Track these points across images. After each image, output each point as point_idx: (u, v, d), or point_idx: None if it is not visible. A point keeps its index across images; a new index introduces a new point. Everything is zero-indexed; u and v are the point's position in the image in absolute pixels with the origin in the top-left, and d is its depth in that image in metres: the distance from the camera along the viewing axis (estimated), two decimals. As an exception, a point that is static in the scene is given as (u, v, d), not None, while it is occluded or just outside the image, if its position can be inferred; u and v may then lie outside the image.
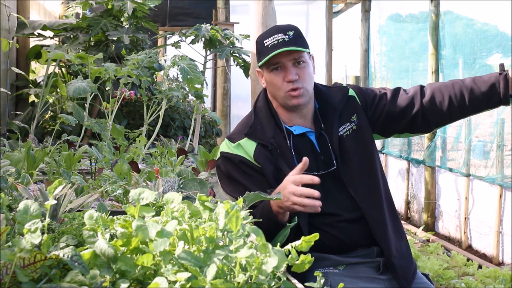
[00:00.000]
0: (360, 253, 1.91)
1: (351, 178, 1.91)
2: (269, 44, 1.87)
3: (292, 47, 1.85)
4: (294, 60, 1.88)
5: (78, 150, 2.83)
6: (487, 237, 5.58)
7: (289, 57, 1.87)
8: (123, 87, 3.91)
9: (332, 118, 1.95)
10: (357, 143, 1.94)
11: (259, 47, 1.93)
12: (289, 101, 1.90)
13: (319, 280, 1.09)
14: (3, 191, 1.79)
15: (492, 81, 1.90)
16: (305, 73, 1.89)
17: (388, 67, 8.36)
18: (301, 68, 1.89)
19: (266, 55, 1.88)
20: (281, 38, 1.86)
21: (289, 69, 1.87)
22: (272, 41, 1.87)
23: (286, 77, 1.87)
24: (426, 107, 1.96)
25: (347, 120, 1.96)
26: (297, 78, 1.87)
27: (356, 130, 1.96)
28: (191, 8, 7.85)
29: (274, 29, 1.92)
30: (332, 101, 1.98)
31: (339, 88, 2.05)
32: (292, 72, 1.87)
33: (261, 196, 1.55)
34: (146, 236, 1.01)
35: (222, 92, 7.13)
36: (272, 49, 1.86)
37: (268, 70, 1.91)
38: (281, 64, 1.88)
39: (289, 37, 1.87)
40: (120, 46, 4.90)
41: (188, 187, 1.97)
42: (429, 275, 2.07)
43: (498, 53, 6.19)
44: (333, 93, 2.01)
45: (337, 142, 1.92)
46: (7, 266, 0.94)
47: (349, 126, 1.96)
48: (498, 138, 5.47)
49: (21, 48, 5.26)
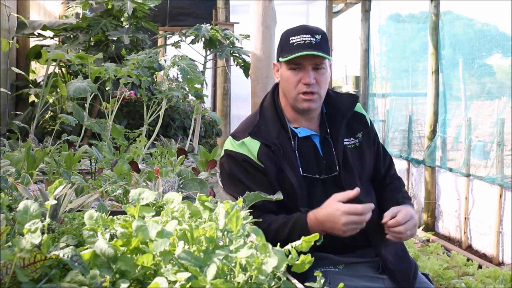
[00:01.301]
0: (360, 252, 1.92)
1: (351, 185, 1.92)
2: (294, 42, 1.86)
3: (317, 51, 1.84)
4: (315, 65, 1.87)
5: (78, 150, 2.83)
6: (487, 237, 5.58)
7: (311, 60, 1.86)
8: (123, 87, 3.91)
9: (339, 125, 1.96)
10: (357, 157, 1.97)
11: (284, 43, 1.91)
12: (300, 104, 1.90)
13: (319, 280, 1.09)
14: (3, 191, 1.79)
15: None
16: (323, 79, 1.89)
17: (388, 67, 8.36)
18: (320, 73, 1.88)
19: (289, 53, 1.87)
20: (308, 39, 1.85)
21: (308, 72, 1.87)
22: (298, 40, 1.86)
23: (304, 79, 1.87)
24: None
25: (353, 135, 1.99)
26: (314, 83, 1.87)
27: (358, 146, 1.98)
28: (191, 8, 7.85)
29: (302, 28, 1.90)
30: (341, 108, 2.00)
31: (349, 95, 2.07)
32: (311, 76, 1.86)
33: (261, 196, 1.55)
34: (146, 236, 1.01)
35: (222, 92, 7.13)
36: (297, 48, 1.85)
37: (287, 67, 1.90)
38: (302, 66, 1.87)
39: (316, 40, 1.86)
40: (120, 46, 4.90)
41: (188, 187, 1.97)
42: (429, 275, 2.07)
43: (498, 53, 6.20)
44: (342, 100, 2.03)
45: (341, 149, 1.93)
46: (7, 266, 0.94)
47: (353, 141, 1.98)
48: (498, 138, 5.47)
49: (21, 48, 5.26)
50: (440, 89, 6.63)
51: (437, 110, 6.63)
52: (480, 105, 6.39)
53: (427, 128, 6.70)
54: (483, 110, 6.33)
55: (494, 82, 6.28)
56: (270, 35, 4.45)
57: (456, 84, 6.53)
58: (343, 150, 1.93)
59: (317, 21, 8.06)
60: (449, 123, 6.58)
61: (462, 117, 6.32)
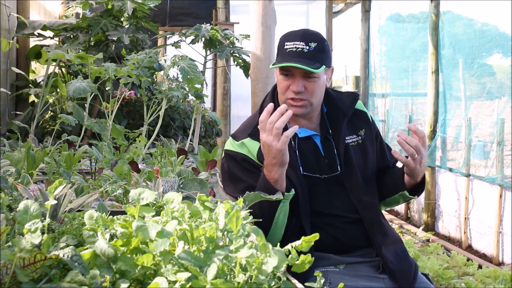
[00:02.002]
0: (360, 252, 1.93)
1: (353, 184, 1.92)
2: (287, 49, 1.84)
3: (304, 63, 1.80)
4: (304, 74, 1.84)
5: (78, 150, 2.83)
6: (487, 237, 5.58)
7: (301, 69, 1.83)
8: (123, 87, 3.90)
9: (341, 124, 1.96)
10: (360, 155, 1.97)
11: (280, 46, 1.90)
12: (289, 107, 1.90)
13: (319, 280, 1.09)
14: (3, 191, 1.79)
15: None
16: (313, 87, 1.86)
17: (388, 67, 8.37)
18: (310, 81, 1.85)
19: (281, 58, 1.86)
20: (300, 47, 1.82)
21: (297, 80, 1.85)
22: (291, 47, 1.84)
23: (292, 87, 1.85)
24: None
25: (355, 132, 1.99)
26: (303, 91, 1.85)
27: (361, 144, 1.98)
28: (191, 8, 7.85)
29: (298, 34, 1.86)
30: (342, 106, 1.99)
31: (349, 93, 2.07)
32: (299, 85, 1.84)
33: (261, 196, 1.56)
34: (146, 236, 1.01)
35: (222, 92, 7.13)
36: (287, 56, 1.83)
37: (279, 72, 1.90)
38: (291, 73, 1.86)
39: (310, 48, 1.83)
40: (120, 46, 4.89)
41: (188, 187, 1.97)
42: (429, 275, 2.07)
43: (498, 53, 6.20)
44: (342, 98, 2.02)
45: (343, 148, 1.93)
46: (7, 266, 0.94)
47: (356, 138, 1.98)
48: (498, 138, 5.47)
49: (21, 48, 5.25)
50: (440, 89, 6.63)
51: (437, 110, 6.63)
52: (480, 105, 6.39)
53: (427, 128, 6.70)
54: (483, 110, 6.34)
55: (494, 82, 6.29)
56: (270, 35, 4.45)
57: (456, 84, 6.53)
58: (345, 148, 1.94)
59: (317, 21, 8.06)
60: (449, 123, 6.58)
61: (462, 117, 6.32)
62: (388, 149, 2.08)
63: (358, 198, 1.91)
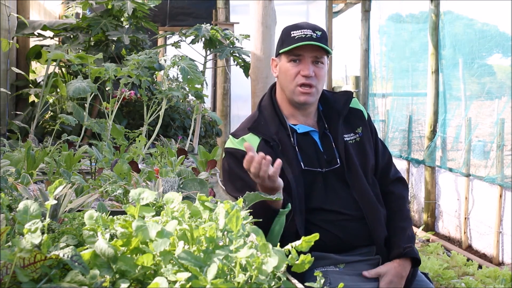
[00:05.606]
0: (360, 251, 1.92)
1: (354, 179, 1.92)
2: (295, 36, 1.90)
3: (318, 43, 1.88)
4: (315, 58, 1.91)
5: (78, 150, 2.82)
6: (487, 237, 5.59)
7: (312, 53, 1.90)
8: (123, 87, 3.90)
9: (336, 122, 1.98)
10: (358, 152, 1.98)
11: (285, 36, 1.95)
12: (297, 97, 1.92)
13: (319, 280, 1.09)
14: (3, 191, 1.79)
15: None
16: (321, 73, 1.93)
17: (388, 67, 8.37)
18: (318, 67, 1.92)
19: (291, 44, 1.90)
20: (309, 33, 1.90)
21: (308, 64, 1.90)
22: (300, 34, 1.90)
23: (303, 71, 1.90)
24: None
25: (352, 130, 2.00)
26: (313, 75, 1.91)
27: (359, 141, 1.99)
28: (191, 8, 7.84)
29: (303, 24, 1.95)
30: (337, 106, 2.02)
31: (343, 93, 2.09)
32: (310, 68, 1.90)
33: (261, 196, 1.55)
34: (146, 236, 1.01)
35: (222, 92, 7.13)
36: (299, 41, 1.89)
37: (287, 60, 1.93)
38: (302, 58, 1.91)
39: (317, 35, 1.90)
40: (120, 46, 4.89)
41: (188, 187, 1.97)
42: (428, 274, 2.07)
43: (498, 53, 6.20)
44: (337, 98, 2.05)
45: (342, 143, 1.94)
46: (7, 266, 0.94)
47: (354, 136, 2.00)
48: (498, 138, 5.47)
49: (21, 48, 5.25)
50: (440, 89, 6.63)
51: (437, 110, 6.63)
52: (480, 105, 6.39)
53: (427, 128, 6.71)
54: (483, 110, 6.34)
55: (494, 82, 6.29)
56: (270, 35, 4.45)
57: (456, 84, 6.53)
58: (345, 145, 1.94)
59: (317, 21, 8.05)
60: (449, 123, 6.58)
61: (462, 117, 6.32)
62: (383, 152, 2.08)
63: (358, 191, 1.91)
